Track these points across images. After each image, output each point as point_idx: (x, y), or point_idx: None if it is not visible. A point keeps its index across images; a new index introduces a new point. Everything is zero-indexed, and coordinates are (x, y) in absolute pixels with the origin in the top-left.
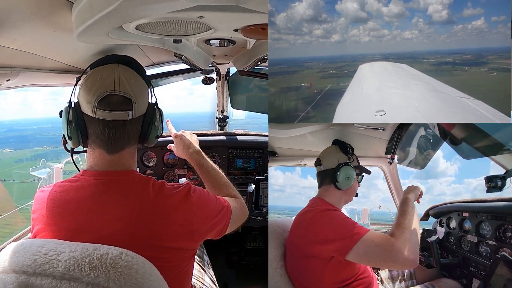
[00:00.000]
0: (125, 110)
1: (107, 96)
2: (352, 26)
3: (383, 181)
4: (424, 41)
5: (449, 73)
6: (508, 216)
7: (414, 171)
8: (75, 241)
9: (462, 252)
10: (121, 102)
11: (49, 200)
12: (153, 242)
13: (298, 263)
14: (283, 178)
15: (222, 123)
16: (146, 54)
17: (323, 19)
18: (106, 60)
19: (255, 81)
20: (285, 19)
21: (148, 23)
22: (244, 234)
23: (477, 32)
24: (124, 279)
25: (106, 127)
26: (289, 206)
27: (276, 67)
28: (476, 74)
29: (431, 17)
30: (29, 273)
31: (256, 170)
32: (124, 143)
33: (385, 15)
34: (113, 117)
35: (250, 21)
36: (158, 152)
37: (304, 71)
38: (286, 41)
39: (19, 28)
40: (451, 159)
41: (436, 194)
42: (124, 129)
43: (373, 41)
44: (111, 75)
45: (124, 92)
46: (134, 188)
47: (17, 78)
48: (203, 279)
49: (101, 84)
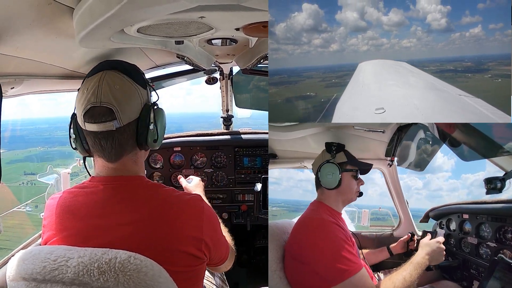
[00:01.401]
0: (108, 120)
1: (90, 108)
2: (351, 36)
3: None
4: (422, 49)
5: (453, 80)
6: (508, 218)
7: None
8: (86, 245)
9: (462, 254)
10: (103, 113)
11: (59, 206)
12: (163, 245)
13: (297, 268)
14: (279, 171)
15: (227, 122)
16: (148, 56)
17: (323, 28)
18: (97, 69)
19: (259, 79)
20: (284, 29)
21: (149, 26)
22: (253, 232)
23: (475, 40)
24: (134, 283)
25: (96, 139)
26: (285, 199)
27: (276, 77)
28: (480, 80)
29: (430, 26)
30: (38, 280)
31: (263, 168)
32: (121, 151)
33: (384, 24)
34: (99, 128)
35: (251, 19)
36: (165, 154)
37: (306, 81)
38: (285, 51)
39: (22, 36)
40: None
41: (433, 190)
42: (113, 139)
43: (372, 50)
44: (94, 86)
45: (106, 102)
46: (143, 192)
47: (21, 85)
48: (212, 279)
49: (86, 97)
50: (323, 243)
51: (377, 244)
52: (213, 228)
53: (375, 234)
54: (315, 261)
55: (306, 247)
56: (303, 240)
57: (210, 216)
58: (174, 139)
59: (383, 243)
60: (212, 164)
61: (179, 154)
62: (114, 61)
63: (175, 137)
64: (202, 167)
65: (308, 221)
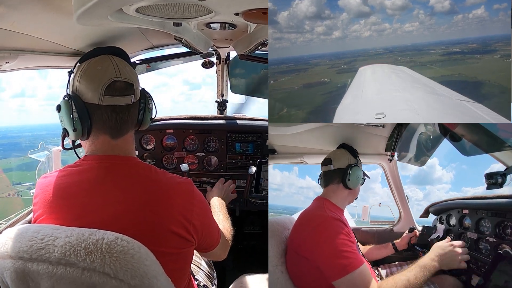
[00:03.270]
0: (129, 94)
1: (112, 82)
2: (354, 21)
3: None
4: (424, 33)
5: (463, 61)
6: (508, 213)
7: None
8: (75, 224)
9: None
10: (124, 87)
11: (50, 184)
12: (152, 225)
13: (298, 262)
14: (281, 176)
15: (221, 107)
16: (146, 36)
17: (326, 15)
18: (96, 52)
19: (256, 65)
20: (287, 17)
21: (148, 6)
22: (241, 218)
23: (478, 21)
24: (120, 264)
25: (113, 112)
26: (286, 205)
27: (284, 66)
28: (490, 61)
29: (433, 8)
30: (25, 259)
31: (254, 155)
32: (128, 126)
33: (388, 8)
34: (119, 101)
35: (251, 5)
36: (157, 135)
37: (315, 68)
38: (288, 40)
39: (18, 11)
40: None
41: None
42: (128, 113)
43: (374, 35)
44: (110, 64)
45: (126, 78)
46: (135, 173)
47: (16, 60)
48: (199, 263)
49: (104, 72)
50: (326, 239)
51: (378, 239)
52: (203, 213)
53: (375, 229)
54: (317, 256)
55: (309, 242)
56: (306, 235)
57: (200, 200)
58: (167, 121)
59: (383, 238)
60: (204, 148)
61: (171, 136)
62: (116, 48)
63: (168, 119)
64: (194, 151)
65: (312, 217)
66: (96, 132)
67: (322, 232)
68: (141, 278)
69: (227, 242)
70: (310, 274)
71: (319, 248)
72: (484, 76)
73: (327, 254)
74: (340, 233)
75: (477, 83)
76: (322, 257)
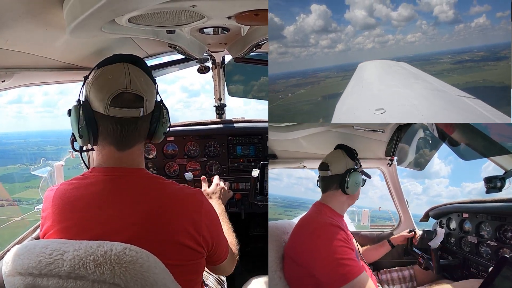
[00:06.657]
0: (137, 107)
1: (120, 94)
2: (358, 34)
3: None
4: (426, 43)
5: (480, 68)
6: (508, 217)
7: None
8: (83, 237)
9: (462, 253)
10: (133, 99)
11: (58, 197)
12: (160, 237)
13: (294, 269)
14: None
15: (220, 111)
16: (140, 46)
17: (333, 28)
18: (114, 59)
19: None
20: (293, 32)
21: (140, 15)
22: (247, 221)
23: (480, 30)
24: (130, 274)
25: (118, 124)
26: (285, 195)
27: (293, 80)
28: (507, 67)
29: (437, 18)
30: (35, 275)
31: (256, 157)
32: (135, 139)
33: (394, 19)
34: (125, 114)
35: (243, 7)
36: (158, 144)
37: (326, 80)
38: (292, 54)
39: (11, 29)
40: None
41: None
42: (135, 126)
43: (377, 47)
44: (122, 74)
45: (136, 90)
46: (143, 184)
47: (12, 79)
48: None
49: (113, 82)
50: (323, 246)
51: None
52: (213, 224)
53: (375, 233)
54: (314, 263)
55: (306, 249)
56: (304, 243)
57: (209, 211)
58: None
59: None
60: (205, 154)
61: (172, 144)
62: (134, 56)
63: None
64: (195, 157)
65: (310, 224)
66: (102, 141)
67: (319, 239)
68: (151, 287)
69: (234, 257)
70: (306, 282)
71: (315, 255)
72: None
73: (324, 262)
74: (337, 239)
75: (505, 87)
76: (319, 264)
